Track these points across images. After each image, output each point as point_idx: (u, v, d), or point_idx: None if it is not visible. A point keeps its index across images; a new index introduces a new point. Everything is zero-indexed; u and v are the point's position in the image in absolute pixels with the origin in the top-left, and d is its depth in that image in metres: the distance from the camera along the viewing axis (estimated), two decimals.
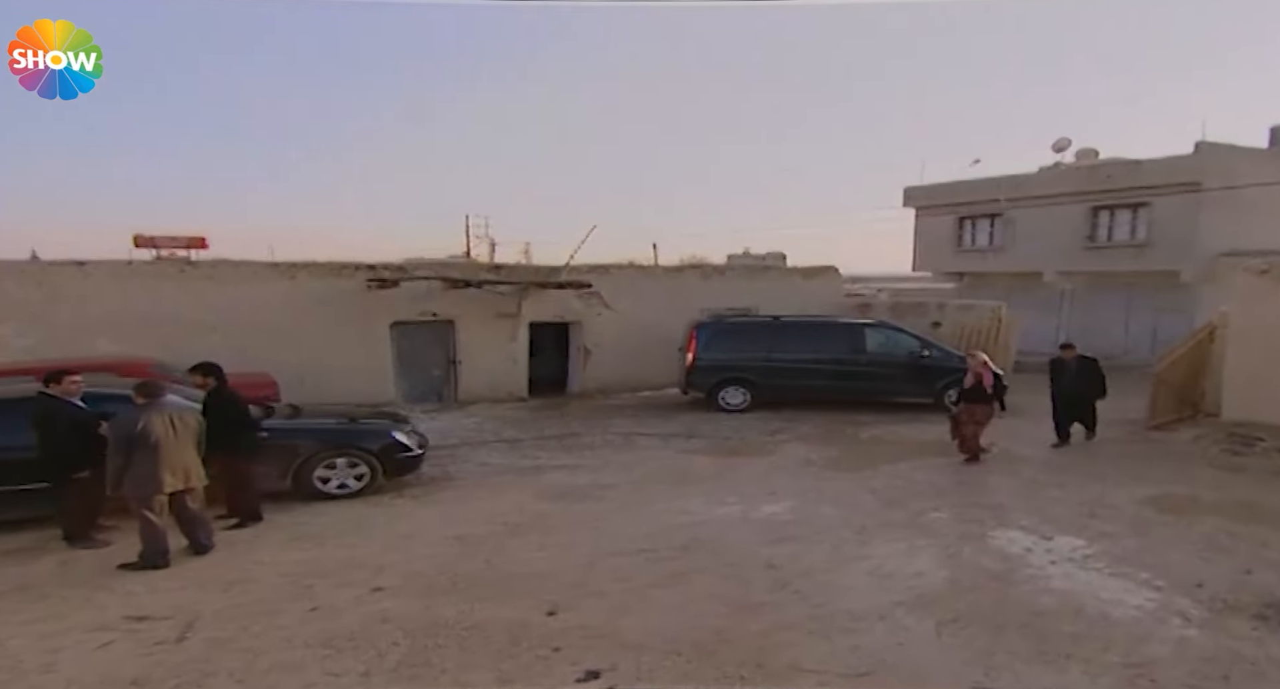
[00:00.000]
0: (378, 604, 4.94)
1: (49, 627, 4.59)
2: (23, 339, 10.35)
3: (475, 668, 4.13)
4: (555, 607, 4.92)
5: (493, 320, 13.25)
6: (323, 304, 12.13)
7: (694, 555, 5.86)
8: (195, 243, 35.71)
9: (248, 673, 4.05)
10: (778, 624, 4.68)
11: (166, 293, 11.28)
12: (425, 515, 6.95)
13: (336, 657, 4.23)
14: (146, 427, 5.40)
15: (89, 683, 3.94)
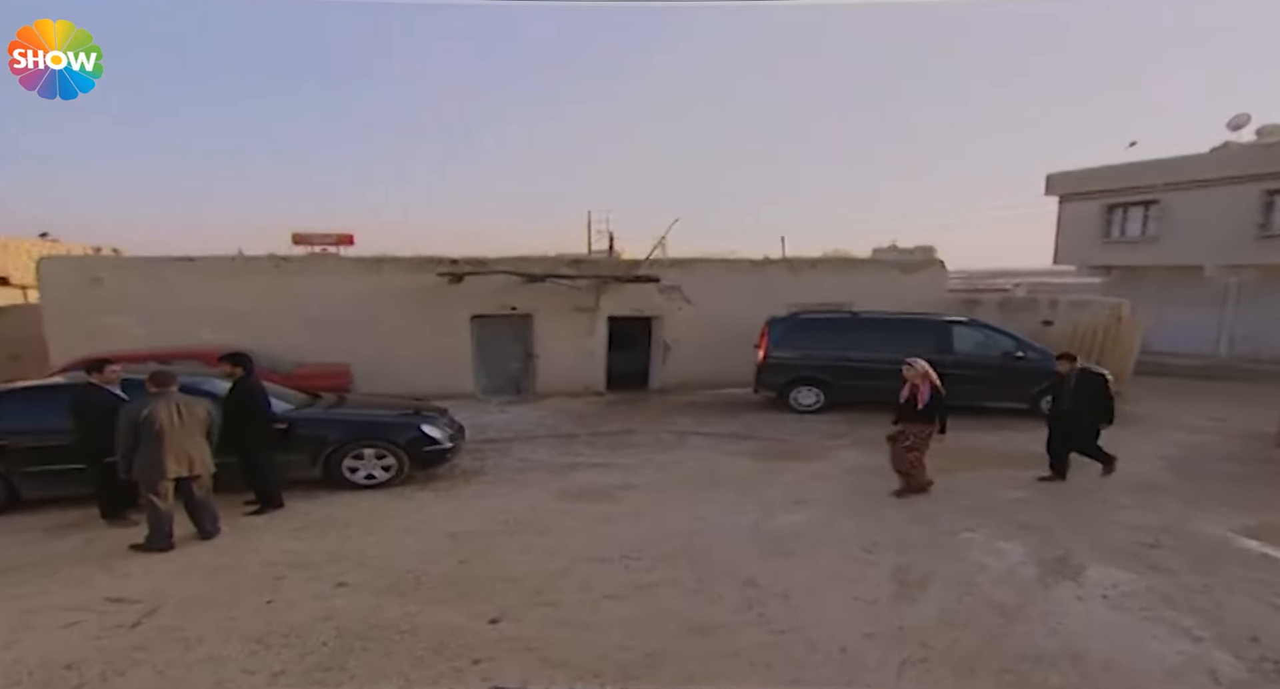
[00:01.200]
0: (332, 601, 4.87)
1: (35, 603, 4.83)
2: (140, 328, 11.29)
3: (385, 676, 3.94)
4: (502, 614, 4.69)
5: (570, 314, 13.15)
6: (406, 297, 12.46)
7: (674, 566, 5.45)
8: (344, 240, 38.27)
9: (172, 665, 4.05)
10: (721, 650, 4.23)
11: (262, 287, 11.97)
12: (436, 510, 6.87)
13: (262, 654, 4.17)
14: (151, 414, 5.60)
15: (31, 664, 4.06)
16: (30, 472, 6.60)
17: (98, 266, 11.78)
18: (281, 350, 11.31)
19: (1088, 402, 7.47)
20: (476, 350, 13.03)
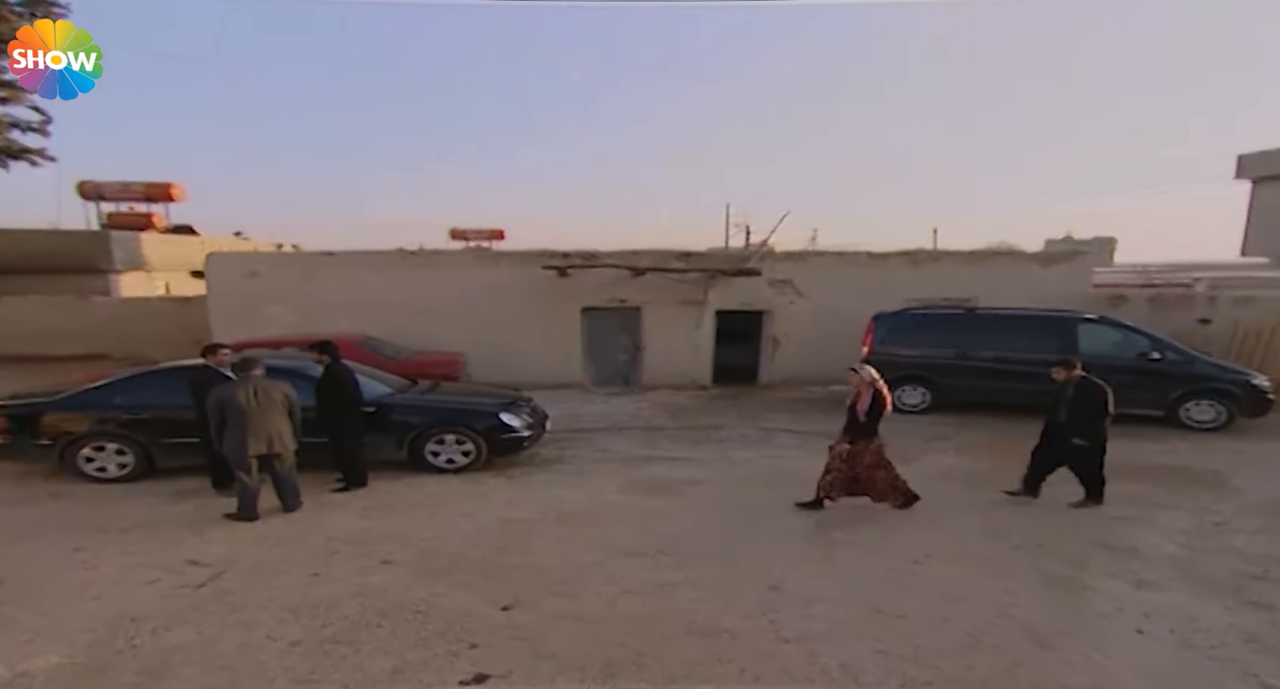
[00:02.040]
0: (369, 577, 5.21)
1: (136, 559, 5.49)
2: (288, 316, 12.49)
3: (385, 653, 4.17)
4: (516, 602, 4.83)
5: (678, 307, 13.15)
6: (520, 290, 12.96)
7: (704, 566, 5.40)
8: (495, 235, 40.45)
9: (211, 626, 4.49)
10: (716, 655, 4.16)
11: (391, 279, 12.88)
12: (499, 496, 7.12)
13: (289, 623, 4.53)
14: (232, 397, 6.19)
15: (107, 614, 4.65)
16: (163, 443, 7.48)
17: (254, 262, 13.15)
18: (406, 339, 12.17)
19: (1083, 416, 6.57)
20: (586, 342, 13.36)
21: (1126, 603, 4.78)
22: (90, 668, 4.01)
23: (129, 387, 7.64)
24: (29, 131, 14.76)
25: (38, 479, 7.53)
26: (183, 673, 3.95)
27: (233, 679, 3.89)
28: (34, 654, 4.13)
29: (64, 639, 4.30)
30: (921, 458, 8.40)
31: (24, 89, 14.69)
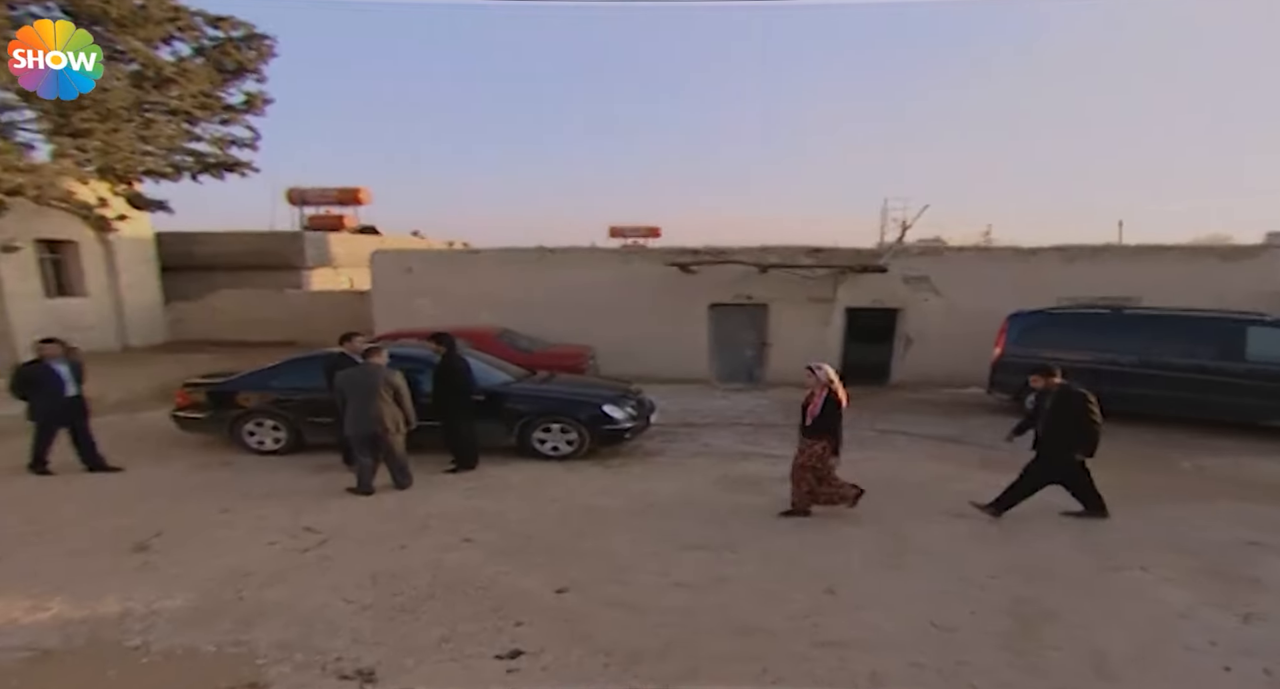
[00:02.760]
0: (448, 554, 5.62)
1: (267, 523, 6.25)
2: (436, 309, 13.53)
3: (439, 623, 4.53)
4: (572, 585, 5.04)
5: (806, 305, 12.90)
6: (651, 286, 13.24)
7: (767, 564, 5.41)
8: (652, 232, 41.07)
9: (304, 585, 5.06)
10: (745, 652, 4.16)
11: (530, 275, 13.58)
12: (594, 485, 7.39)
13: (366, 589, 5.01)
14: (347, 381, 6.87)
15: (229, 568, 5.35)
16: (309, 421, 8.40)
17: (409, 259, 14.33)
18: (542, 332, 12.80)
19: (1064, 427, 5.99)
20: (713, 337, 13.43)
21: (1223, 637, 4.26)
22: (202, 611, 4.66)
23: (283, 371, 8.65)
24: (243, 147, 16.70)
25: (215, 449, 8.69)
26: (269, 624, 4.50)
27: (305, 634, 4.37)
28: (165, 596, 4.86)
29: (190, 586, 5.02)
30: None
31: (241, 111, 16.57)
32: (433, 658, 4.13)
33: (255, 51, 16.20)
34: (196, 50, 15.35)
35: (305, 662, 4.07)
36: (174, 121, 14.86)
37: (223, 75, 15.80)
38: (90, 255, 16.47)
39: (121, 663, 4.08)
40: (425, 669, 4.01)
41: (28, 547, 5.72)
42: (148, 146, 14.60)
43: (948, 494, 6.92)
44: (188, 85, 14.43)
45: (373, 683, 3.88)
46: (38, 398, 7.56)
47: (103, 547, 5.70)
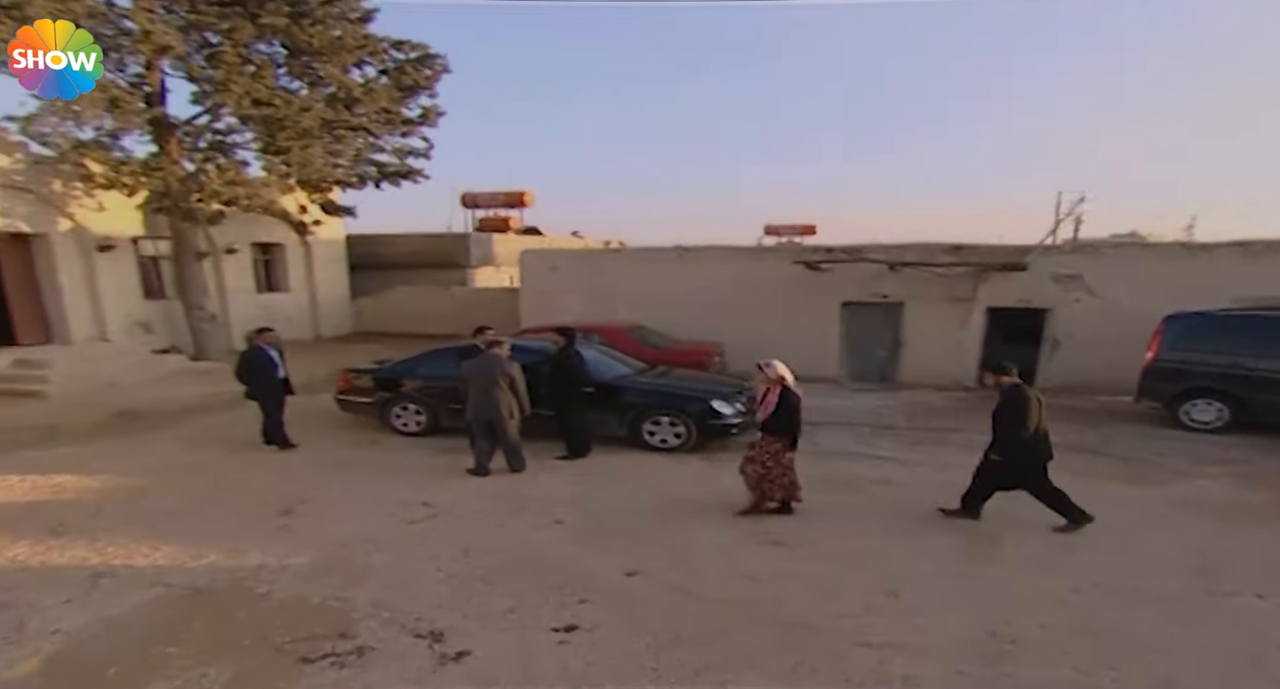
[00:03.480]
0: (537, 533, 6.05)
1: (389, 496, 6.93)
2: (579, 305, 14.18)
3: (510, 595, 4.92)
4: (640, 570, 5.29)
5: (944, 304, 12.26)
6: (782, 284, 13.13)
7: (835, 562, 5.41)
8: (806, 230, 40.09)
9: (405, 554, 5.63)
10: (785, 646, 4.23)
11: (666, 273, 13.88)
12: (691, 477, 7.59)
13: (457, 560, 5.51)
14: (475, 371, 7.45)
15: (349, 533, 6.04)
16: (445, 406, 9.14)
17: (555, 258, 15.08)
18: (676, 328, 13.08)
19: (1003, 427, 5.81)
20: (845, 336, 13.10)
21: None
22: (319, 569, 5.34)
23: (425, 360, 9.49)
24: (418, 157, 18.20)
25: (368, 429, 9.68)
26: (369, 584, 5.08)
27: (396, 596, 4.90)
28: (294, 554, 5.60)
29: (315, 547, 5.75)
30: (1174, 482, 7.10)
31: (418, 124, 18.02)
32: (497, 625, 4.52)
33: (429, 70, 17.54)
34: (380, 71, 16.93)
35: (389, 619, 4.58)
36: (359, 136, 16.51)
37: (401, 92, 17.28)
38: (293, 256, 18.72)
39: (249, 605, 4.80)
40: (487, 635, 4.40)
41: (206, 506, 6.73)
42: (337, 159, 16.35)
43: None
44: (371, 104, 15.96)
45: (440, 642, 4.31)
46: (256, 380, 8.58)
47: (259, 509, 6.61)
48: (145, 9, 12.36)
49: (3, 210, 12.70)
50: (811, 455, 8.27)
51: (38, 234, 13.38)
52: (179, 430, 9.63)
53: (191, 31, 13.30)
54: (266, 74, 14.00)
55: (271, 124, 14.07)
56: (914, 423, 9.95)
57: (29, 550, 5.63)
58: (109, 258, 14.24)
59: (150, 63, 13.15)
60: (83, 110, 11.94)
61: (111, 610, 4.71)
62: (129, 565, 5.37)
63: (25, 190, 12.92)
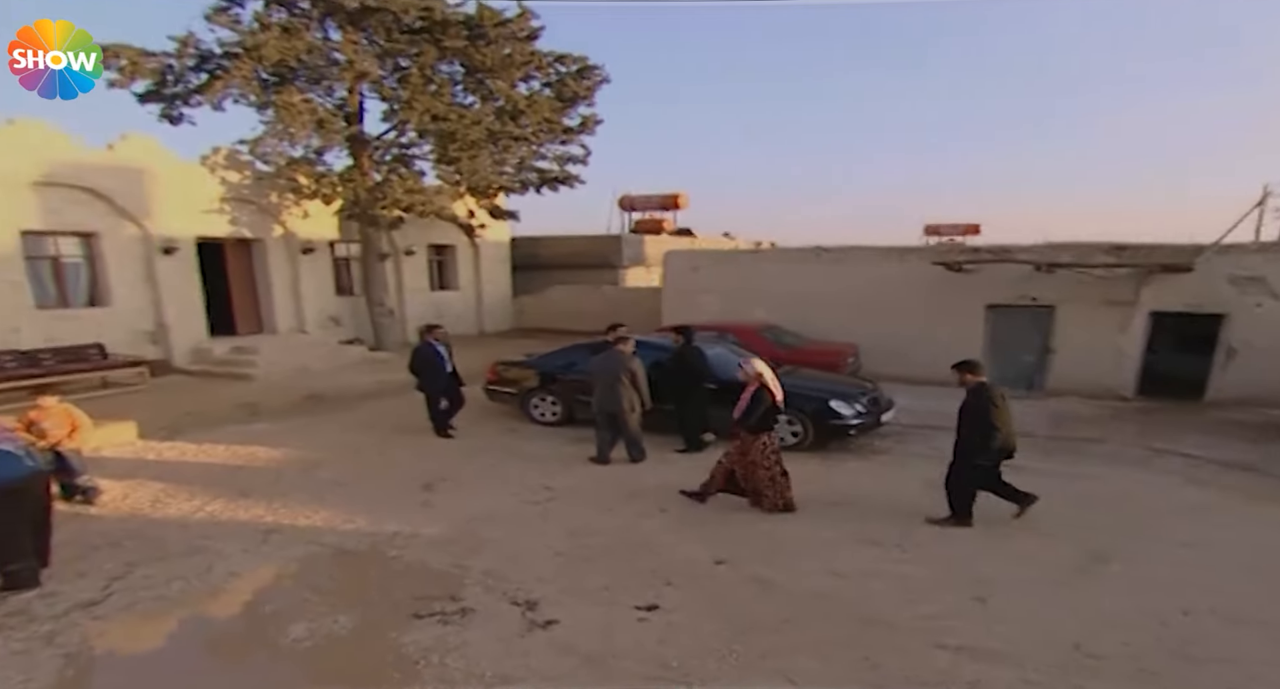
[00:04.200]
0: (643, 520, 6.37)
1: (516, 480, 7.52)
2: (718, 304, 14.36)
3: (606, 574, 5.28)
4: (730, 559, 5.50)
5: (1101, 308, 11.26)
6: (924, 285, 12.61)
7: (927, 564, 5.37)
8: (970, 230, 37.47)
9: (519, 530, 6.13)
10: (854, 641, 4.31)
11: (805, 273, 13.74)
12: (802, 474, 7.29)
13: (563, 540, 5.93)
14: (601, 366, 7.89)
15: (478, 509, 6.64)
16: (577, 398, 9.66)
17: (696, 258, 15.32)
18: (811, 329, 12.97)
19: (971, 429, 5.88)
20: (989, 340, 12.35)
21: None
22: (444, 539, 5.93)
23: (563, 355, 10.08)
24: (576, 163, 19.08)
25: (510, 417, 10.40)
26: (484, 556, 5.60)
27: (505, 568, 5.38)
28: (426, 525, 6.25)
29: (445, 520, 6.37)
30: None
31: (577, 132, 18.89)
32: (587, 600, 4.88)
33: (589, 81, 18.31)
34: (544, 84, 17.91)
35: (494, 587, 5.06)
36: (522, 145, 17.57)
37: (562, 103, 18.16)
38: (463, 257, 20.25)
39: (381, 566, 5.46)
40: (576, 607, 4.76)
41: (364, 480, 7.59)
42: (502, 167, 17.50)
43: (1182, 520, 5.91)
44: (534, 115, 16.94)
45: (533, 611, 4.72)
46: (426, 374, 9.30)
47: (406, 485, 7.37)
48: (351, 41, 13.97)
49: (232, 219, 14.74)
50: (930, 459, 8.02)
51: (256, 239, 15.40)
52: (353, 413, 10.82)
53: (386, 58, 14.80)
54: (445, 92, 15.30)
55: (444, 137, 15.32)
56: (1054, 432, 9.30)
57: (221, 507, 6.66)
58: (310, 259, 16.14)
59: (351, 87, 14.76)
60: (296, 132, 13.74)
61: (275, 561, 5.53)
62: (294, 525, 6.23)
63: (249, 201, 14.93)
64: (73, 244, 12.53)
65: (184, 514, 6.48)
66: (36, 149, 11.49)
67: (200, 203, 13.90)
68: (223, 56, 13.45)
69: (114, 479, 7.23)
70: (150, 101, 13.99)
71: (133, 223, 12.92)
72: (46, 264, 12.22)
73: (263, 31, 13.03)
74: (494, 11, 14.85)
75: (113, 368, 11.80)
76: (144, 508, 6.63)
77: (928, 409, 9.87)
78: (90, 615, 4.65)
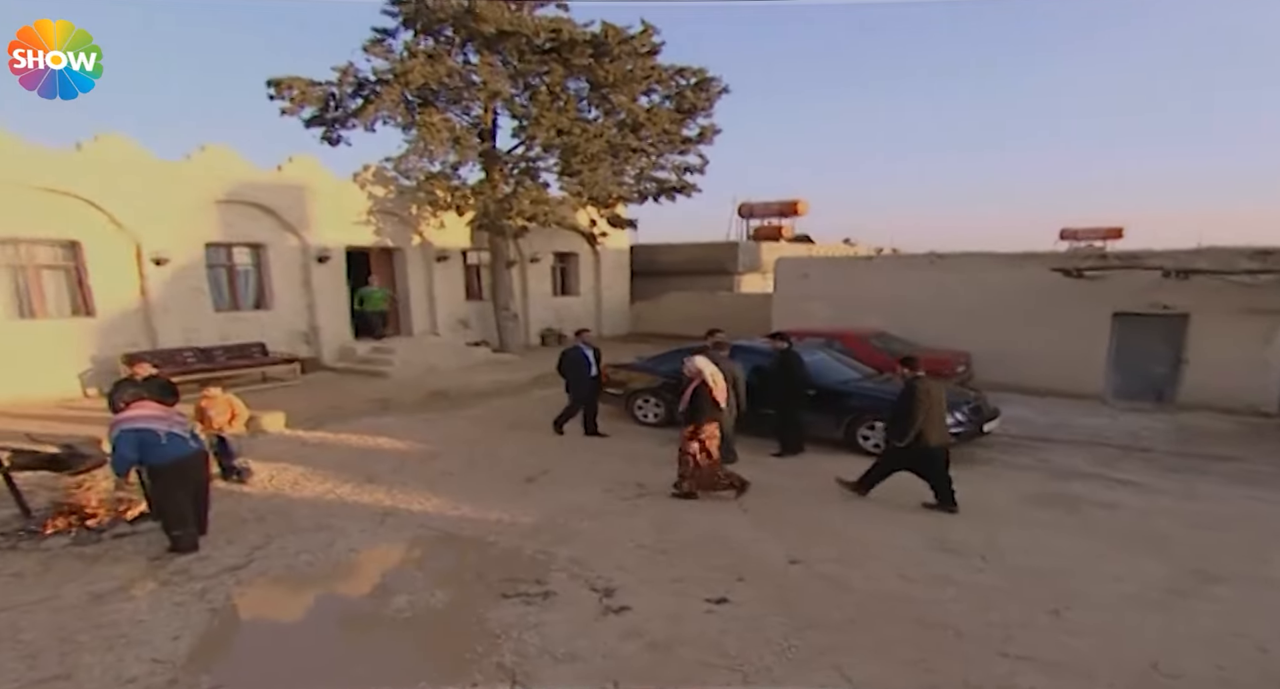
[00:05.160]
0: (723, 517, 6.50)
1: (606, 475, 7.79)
2: (826, 311, 14.15)
3: (680, 567, 5.48)
4: (805, 559, 5.57)
5: (1243, 317, 10.23)
6: (1044, 293, 11.94)
7: (1006, 574, 5.22)
8: (1111, 234, 34.40)
9: (609, 524, 6.40)
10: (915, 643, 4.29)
11: (917, 280, 13.30)
12: (892, 482, 7.34)
13: (650, 533, 6.16)
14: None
15: (567, 502, 6.95)
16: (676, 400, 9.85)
17: (807, 265, 15.14)
18: (923, 337, 12.56)
19: (896, 416, 6.53)
20: (1114, 349, 11.49)
21: None
22: (537, 528, 6.29)
23: (665, 359, 10.32)
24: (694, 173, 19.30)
25: (616, 417, 10.72)
26: (572, 544, 5.91)
27: (589, 557, 5.66)
28: (523, 514, 6.65)
29: (541, 509, 6.75)
30: None
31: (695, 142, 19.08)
32: (661, 591, 5.08)
33: (707, 92, 18.48)
34: (664, 97, 18.25)
35: (577, 574, 5.35)
36: (641, 157, 17.97)
37: (681, 114, 18.43)
38: (584, 264, 20.94)
39: (479, 550, 5.88)
40: (649, 596, 4.98)
41: (474, 471, 8.12)
42: (622, 178, 17.98)
43: None
44: (654, 127, 17.32)
45: (609, 597, 4.98)
46: (572, 376, 9.69)
47: (511, 477, 7.84)
48: (487, 64, 14.88)
49: (377, 229, 16.00)
50: (1035, 471, 7.71)
51: (398, 248, 16.63)
52: (473, 410, 11.51)
53: (517, 77, 15.65)
54: (570, 107, 15.95)
55: (568, 150, 15.97)
56: (1179, 448, 8.60)
57: (349, 490, 7.35)
58: (444, 266, 17.24)
59: (486, 105, 15.69)
60: (435, 149, 14.82)
61: (389, 540, 6.08)
62: (408, 510, 6.79)
63: (392, 214, 16.16)
64: (245, 254, 14.02)
65: (317, 495, 7.20)
66: (222, 171, 13.00)
67: (350, 215, 15.19)
68: (376, 83, 14.67)
69: (263, 462, 8.11)
70: (314, 126, 15.43)
71: (294, 234, 14.30)
72: (223, 272, 13.74)
73: (410, 58, 14.12)
74: (618, 29, 15.34)
75: (271, 364, 13.15)
76: (285, 488, 7.42)
77: (1045, 421, 9.42)
78: (235, 578, 5.30)
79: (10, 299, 11.08)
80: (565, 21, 15.13)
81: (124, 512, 6.32)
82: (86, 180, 11.35)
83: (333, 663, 4.23)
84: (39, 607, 4.82)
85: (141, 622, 4.59)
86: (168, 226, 12.29)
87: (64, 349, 11.39)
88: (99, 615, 4.67)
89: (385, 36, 15.14)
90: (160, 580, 5.22)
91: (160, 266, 12.24)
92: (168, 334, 12.41)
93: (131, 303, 12.10)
